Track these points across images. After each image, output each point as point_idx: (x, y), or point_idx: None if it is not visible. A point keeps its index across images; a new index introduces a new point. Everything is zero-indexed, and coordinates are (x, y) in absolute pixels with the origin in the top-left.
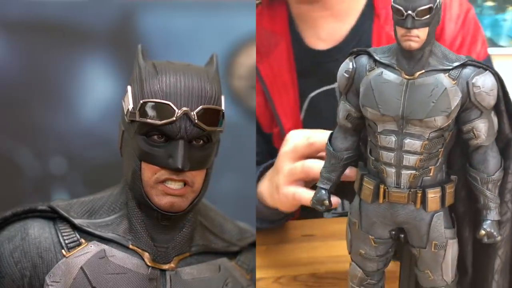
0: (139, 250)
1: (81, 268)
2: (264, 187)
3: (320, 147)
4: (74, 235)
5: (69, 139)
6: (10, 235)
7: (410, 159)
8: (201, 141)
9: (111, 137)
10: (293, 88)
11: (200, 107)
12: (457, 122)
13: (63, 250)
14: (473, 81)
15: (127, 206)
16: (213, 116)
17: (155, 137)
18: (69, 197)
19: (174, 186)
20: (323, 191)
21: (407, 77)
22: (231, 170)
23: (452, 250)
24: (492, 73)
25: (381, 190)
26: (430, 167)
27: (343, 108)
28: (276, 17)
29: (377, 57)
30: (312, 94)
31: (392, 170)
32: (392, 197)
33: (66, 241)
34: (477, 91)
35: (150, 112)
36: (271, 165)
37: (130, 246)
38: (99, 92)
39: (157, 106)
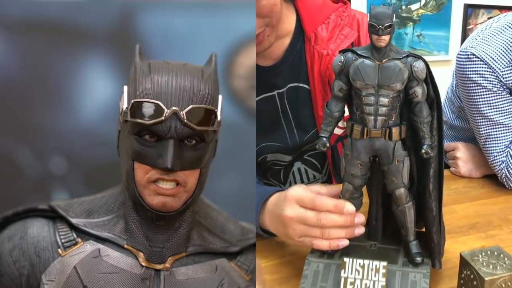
0: (134, 250)
1: (74, 267)
2: (269, 221)
3: (320, 208)
4: (71, 235)
5: (69, 139)
6: (11, 234)
7: (382, 109)
8: (194, 141)
9: (111, 137)
10: None
11: (190, 106)
12: (405, 89)
13: (59, 249)
14: (414, 64)
15: (124, 206)
16: (204, 115)
17: (147, 136)
18: (69, 197)
19: (166, 186)
20: (325, 139)
21: (378, 62)
22: (231, 170)
23: (406, 162)
24: (422, 60)
25: (365, 131)
26: (392, 114)
27: (337, 84)
28: None
29: (359, 52)
30: (256, 99)
31: (371, 118)
32: (372, 134)
33: (63, 240)
34: (416, 69)
35: (141, 111)
36: (270, 195)
37: (125, 246)
38: (99, 92)
39: (147, 106)
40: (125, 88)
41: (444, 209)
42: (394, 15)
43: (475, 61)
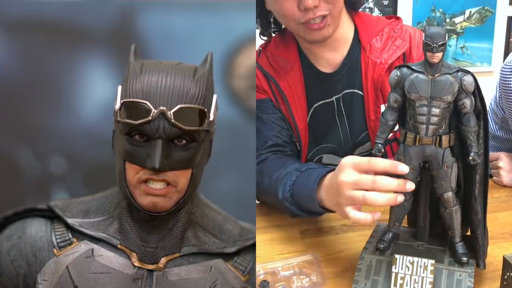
0: (127, 250)
1: (66, 267)
2: (325, 195)
3: (377, 167)
4: (66, 234)
5: (69, 139)
6: (10, 234)
7: (434, 119)
8: (184, 141)
9: (111, 137)
10: (303, 99)
11: (178, 106)
12: (454, 101)
13: (54, 249)
14: (463, 78)
15: (119, 206)
16: (193, 115)
17: (137, 136)
18: (69, 197)
19: (156, 186)
20: (380, 145)
21: (431, 77)
22: (231, 170)
23: (454, 168)
24: (471, 74)
25: (417, 138)
26: (442, 123)
27: (393, 96)
28: (289, 48)
29: (414, 68)
30: (316, 104)
31: (423, 126)
32: (423, 141)
33: (58, 240)
34: (465, 83)
35: (130, 111)
36: (330, 171)
37: (119, 246)
38: (99, 92)
39: (135, 106)
40: (119, 88)
41: (487, 217)
42: (447, 34)
43: None
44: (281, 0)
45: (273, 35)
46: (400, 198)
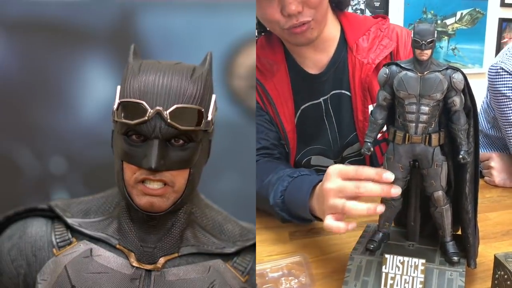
0: (125, 250)
1: (65, 266)
2: (315, 204)
3: (363, 175)
4: (66, 234)
5: (69, 139)
6: (11, 233)
7: (423, 117)
8: (181, 141)
9: (111, 137)
10: (290, 101)
11: (174, 106)
12: (444, 99)
13: (54, 249)
14: (453, 75)
15: (118, 206)
16: (189, 115)
17: (134, 136)
18: (69, 197)
19: (153, 186)
20: (369, 144)
21: (420, 74)
22: (231, 170)
23: (444, 167)
24: (460, 72)
25: (407, 136)
26: (432, 122)
27: (382, 94)
28: (275, 50)
29: (403, 65)
30: (303, 106)
31: (413, 124)
32: (413, 139)
33: (57, 240)
34: (455, 81)
35: (126, 111)
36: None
37: (117, 246)
38: (99, 92)
39: (132, 106)
40: (118, 88)
41: (479, 217)
42: (436, 31)
43: (504, 75)
44: (264, 6)
45: (261, 35)
46: (380, 208)
